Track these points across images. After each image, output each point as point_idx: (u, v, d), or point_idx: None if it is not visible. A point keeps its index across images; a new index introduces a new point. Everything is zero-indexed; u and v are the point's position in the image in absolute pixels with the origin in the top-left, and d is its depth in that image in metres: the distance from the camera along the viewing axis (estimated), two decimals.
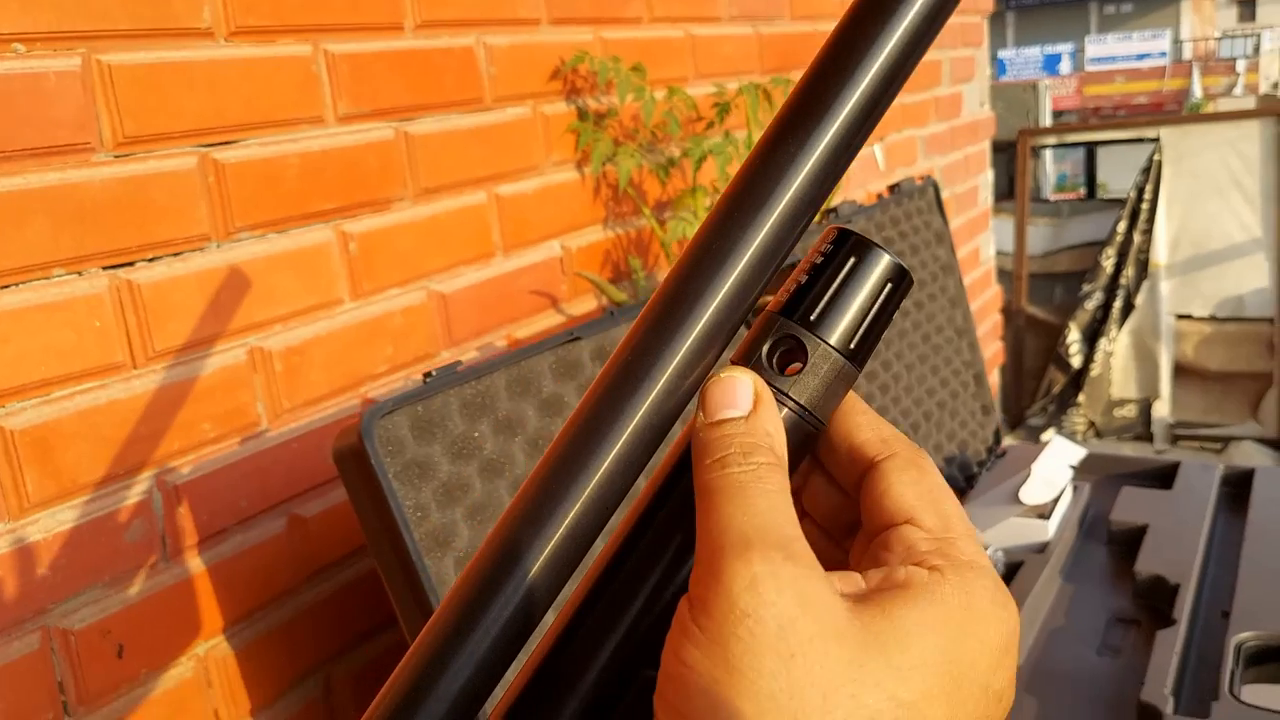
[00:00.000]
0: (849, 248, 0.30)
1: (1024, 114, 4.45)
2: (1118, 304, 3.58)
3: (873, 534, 0.30)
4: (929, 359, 1.42)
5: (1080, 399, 3.66)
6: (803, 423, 0.30)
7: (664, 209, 1.55)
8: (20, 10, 0.82)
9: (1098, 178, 4.40)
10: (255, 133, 1.00)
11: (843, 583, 0.27)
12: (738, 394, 0.29)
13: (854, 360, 0.30)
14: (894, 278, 0.30)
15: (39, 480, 0.85)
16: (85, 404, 0.88)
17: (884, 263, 0.30)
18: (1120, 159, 4.12)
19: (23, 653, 0.84)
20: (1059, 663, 1.11)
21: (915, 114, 2.33)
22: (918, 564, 0.28)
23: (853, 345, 0.29)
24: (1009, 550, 1.27)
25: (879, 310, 0.30)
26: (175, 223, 0.94)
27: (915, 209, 1.43)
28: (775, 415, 0.29)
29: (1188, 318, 3.55)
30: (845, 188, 1.89)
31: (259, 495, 1.02)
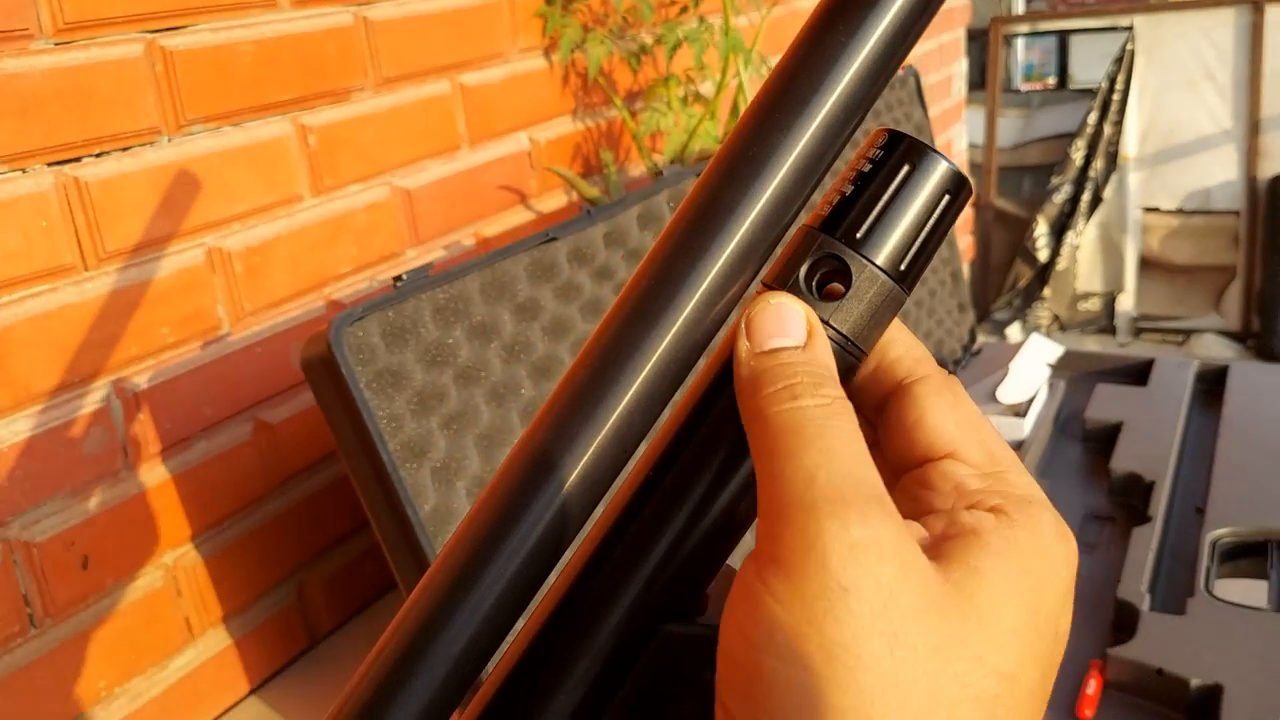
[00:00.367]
0: (901, 153, 0.26)
1: (996, 1, 4.35)
2: (1086, 197, 3.56)
3: (905, 468, 0.27)
4: None
5: (1046, 293, 3.66)
6: (845, 354, 0.26)
7: (635, 99, 1.49)
8: None
9: (1069, 67, 4.34)
10: (205, 18, 0.94)
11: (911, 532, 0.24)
12: (789, 322, 0.25)
13: (903, 283, 0.26)
14: (952, 188, 0.26)
15: None
16: (35, 309, 0.83)
17: (941, 170, 0.26)
18: (1091, 48, 4.06)
19: None
20: None
21: None
22: (974, 505, 0.25)
23: (903, 266, 0.26)
24: None
25: (934, 226, 0.26)
26: (122, 115, 0.88)
27: (896, 100, 1.38)
28: (829, 347, 0.26)
29: (1155, 211, 3.55)
30: None
31: (223, 401, 0.98)
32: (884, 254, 0.26)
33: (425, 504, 0.70)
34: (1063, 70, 4.19)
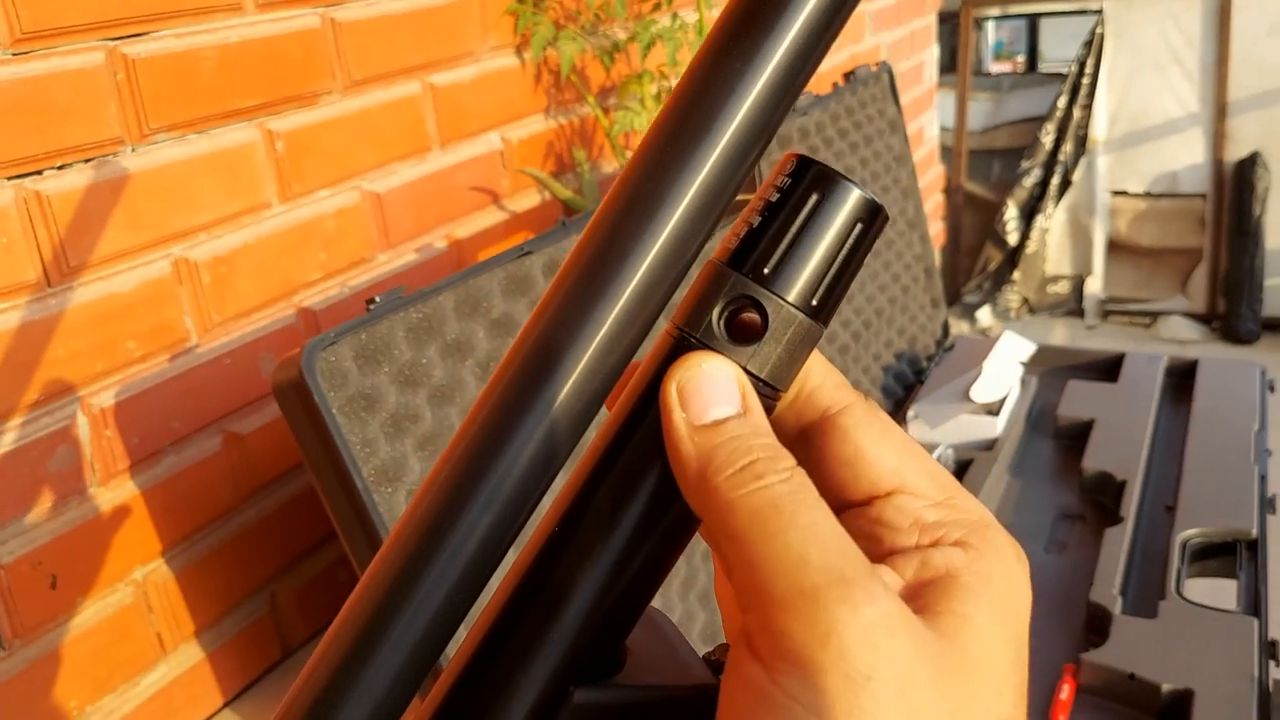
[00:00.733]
0: (810, 181, 0.24)
1: None
2: (1055, 180, 3.57)
3: (847, 504, 0.26)
4: (881, 254, 1.39)
5: (1016, 276, 3.68)
6: (764, 399, 0.25)
7: (608, 95, 1.48)
8: None
9: (1040, 49, 4.35)
10: (167, 23, 0.92)
11: (886, 581, 0.24)
12: (723, 387, 0.24)
13: (819, 318, 0.25)
14: (865, 216, 0.24)
15: None
16: None
17: (853, 199, 0.24)
18: (1061, 27, 4.06)
19: None
20: None
21: None
22: (939, 541, 0.24)
23: (816, 301, 0.24)
24: (958, 447, 1.27)
25: (847, 257, 0.24)
26: (84, 126, 0.86)
27: (870, 97, 1.38)
28: (762, 409, 0.25)
29: (1123, 194, 3.56)
30: None
31: (192, 414, 0.97)
32: (796, 290, 0.24)
33: None
34: (1032, 50, 4.20)
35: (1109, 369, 1.47)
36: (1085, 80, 3.49)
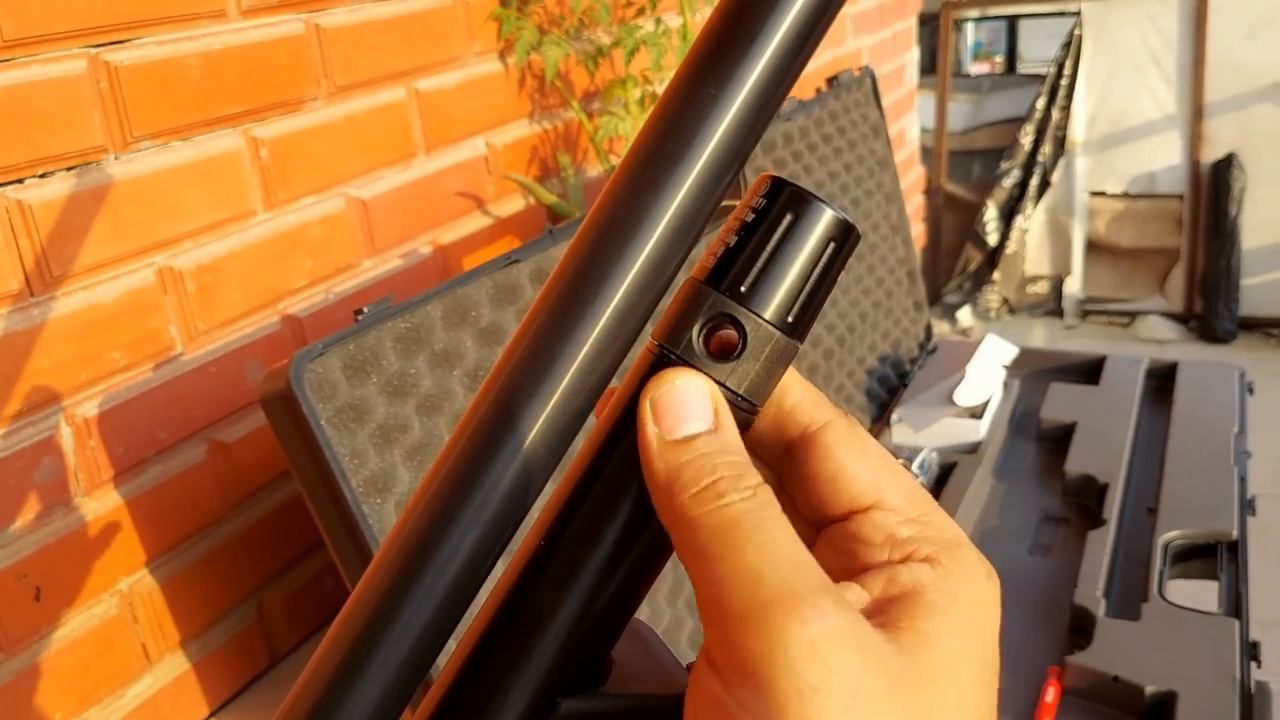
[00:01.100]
0: (784, 202, 0.25)
1: None
2: (1034, 181, 3.60)
3: (825, 520, 0.27)
4: (865, 258, 1.40)
5: (995, 276, 3.70)
6: (743, 413, 0.26)
7: (592, 99, 1.48)
8: None
9: (1019, 50, 4.38)
10: (150, 30, 0.91)
11: (852, 597, 0.24)
12: (695, 403, 0.25)
13: (795, 334, 0.26)
14: (838, 236, 0.25)
15: None
16: None
17: (826, 219, 0.25)
18: (1040, 28, 4.09)
19: None
20: (992, 563, 1.13)
21: None
22: (909, 557, 0.25)
23: (791, 318, 0.25)
24: (942, 450, 1.28)
25: (821, 274, 0.25)
26: (67, 134, 0.85)
27: (853, 102, 1.38)
28: (734, 425, 0.25)
29: (1101, 194, 3.59)
30: None
31: (178, 423, 0.96)
32: (773, 307, 0.25)
33: None
34: (1011, 51, 4.22)
35: (1090, 371, 1.49)
36: (1064, 81, 3.51)
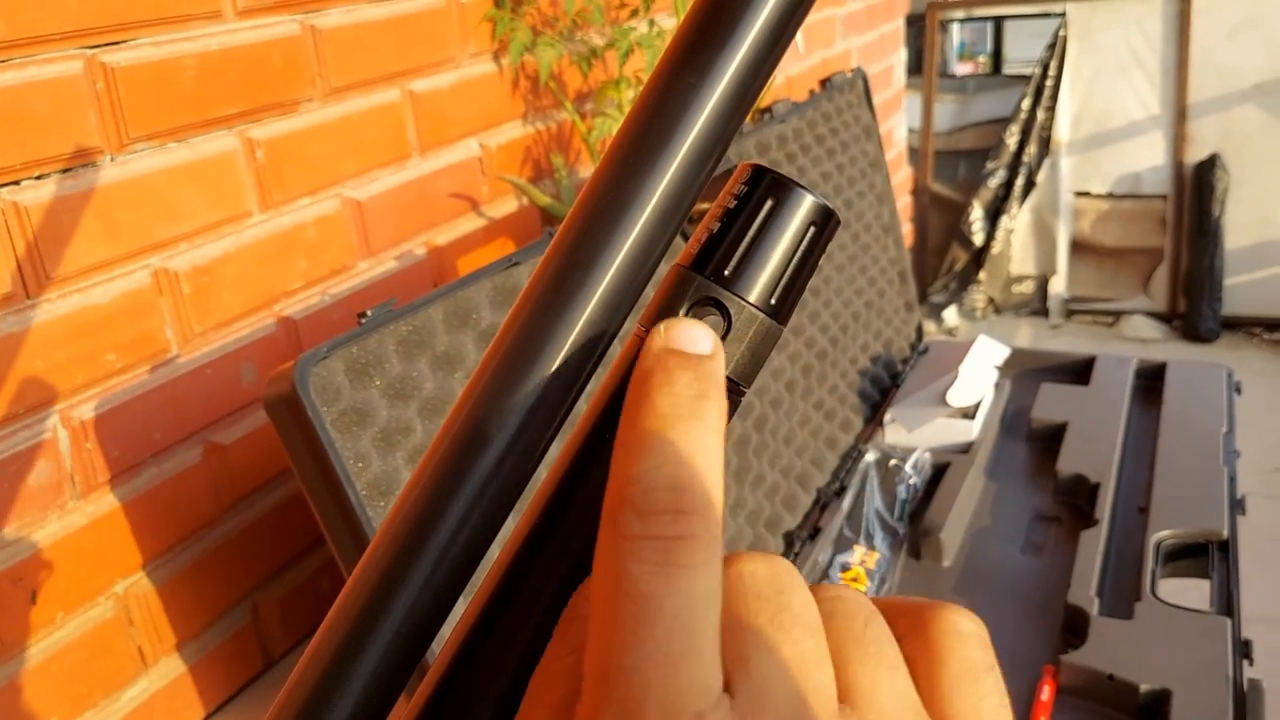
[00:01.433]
0: (765, 189, 0.26)
1: None
2: (1020, 181, 3.62)
3: None
4: (858, 259, 1.40)
5: (981, 276, 3.72)
6: (731, 396, 0.26)
7: (585, 100, 1.48)
8: None
9: (1004, 50, 4.40)
10: (146, 31, 0.91)
11: None
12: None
13: (778, 316, 0.26)
14: (817, 220, 0.26)
15: None
16: None
17: (806, 204, 0.26)
18: (1025, 31, 4.11)
19: None
20: (986, 563, 1.14)
21: None
22: None
23: (774, 300, 0.26)
24: (935, 450, 1.29)
25: (802, 258, 0.26)
26: (63, 136, 0.85)
27: (845, 103, 1.39)
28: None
29: (1086, 195, 3.62)
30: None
31: (173, 425, 0.96)
32: (756, 290, 0.26)
33: None
34: (997, 52, 4.24)
35: (1080, 371, 1.50)
36: (1049, 82, 3.53)
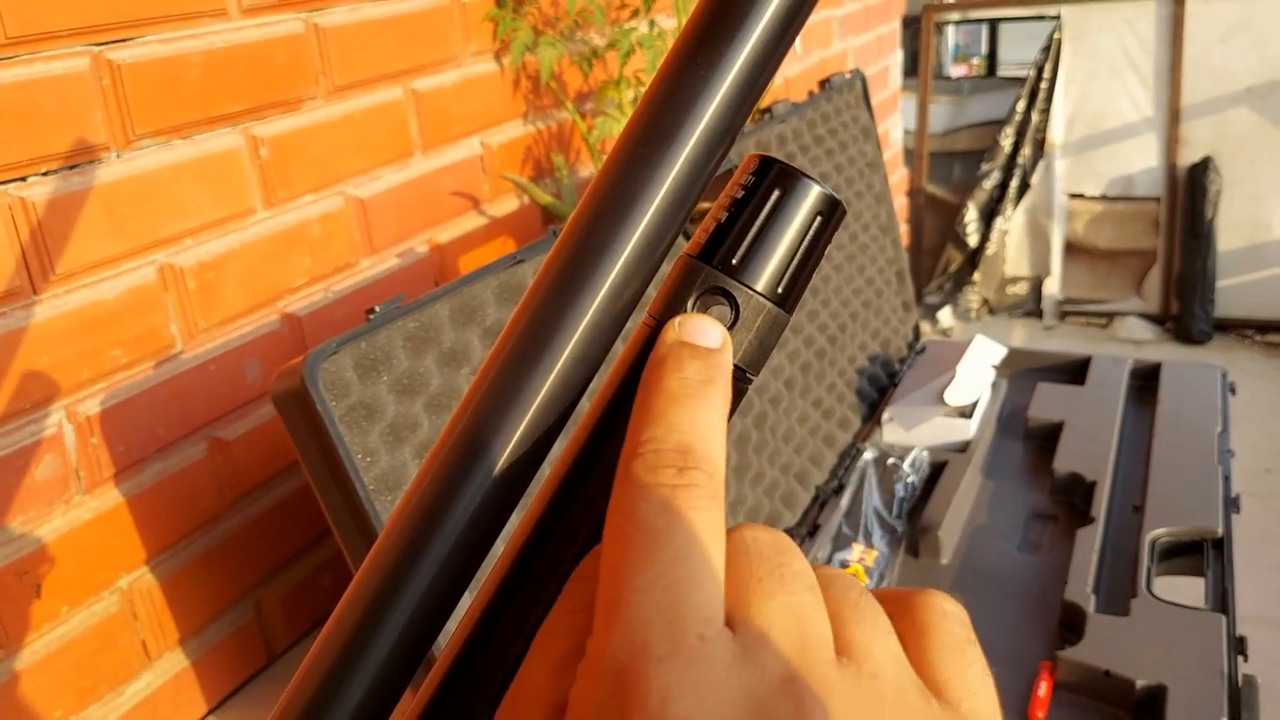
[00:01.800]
0: (772, 179, 0.26)
1: None
2: (1014, 183, 3.63)
3: None
4: (856, 259, 1.41)
5: (976, 277, 3.73)
6: (738, 384, 0.27)
7: (586, 99, 1.49)
8: None
9: (999, 53, 4.42)
10: (152, 29, 0.91)
11: None
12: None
13: (785, 305, 0.26)
14: (824, 210, 0.26)
15: None
16: None
17: (813, 194, 0.26)
18: (1020, 33, 4.13)
19: None
20: (983, 560, 1.15)
21: None
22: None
23: (781, 289, 0.26)
24: (933, 449, 1.30)
25: (809, 247, 0.26)
26: (69, 132, 0.85)
27: (844, 104, 1.40)
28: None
29: (1080, 196, 3.63)
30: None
31: (178, 421, 0.97)
32: (763, 279, 0.26)
33: None
34: (992, 54, 4.26)
35: (1076, 371, 1.51)
36: (1043, 84, 3.55)
